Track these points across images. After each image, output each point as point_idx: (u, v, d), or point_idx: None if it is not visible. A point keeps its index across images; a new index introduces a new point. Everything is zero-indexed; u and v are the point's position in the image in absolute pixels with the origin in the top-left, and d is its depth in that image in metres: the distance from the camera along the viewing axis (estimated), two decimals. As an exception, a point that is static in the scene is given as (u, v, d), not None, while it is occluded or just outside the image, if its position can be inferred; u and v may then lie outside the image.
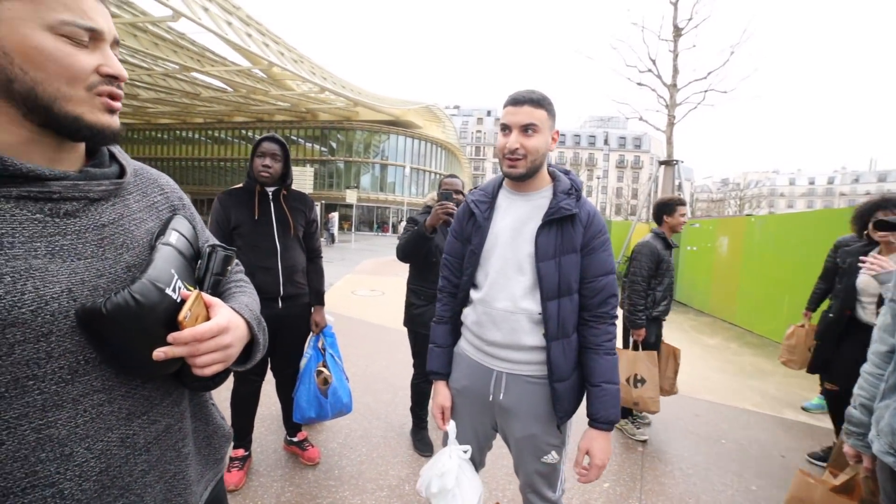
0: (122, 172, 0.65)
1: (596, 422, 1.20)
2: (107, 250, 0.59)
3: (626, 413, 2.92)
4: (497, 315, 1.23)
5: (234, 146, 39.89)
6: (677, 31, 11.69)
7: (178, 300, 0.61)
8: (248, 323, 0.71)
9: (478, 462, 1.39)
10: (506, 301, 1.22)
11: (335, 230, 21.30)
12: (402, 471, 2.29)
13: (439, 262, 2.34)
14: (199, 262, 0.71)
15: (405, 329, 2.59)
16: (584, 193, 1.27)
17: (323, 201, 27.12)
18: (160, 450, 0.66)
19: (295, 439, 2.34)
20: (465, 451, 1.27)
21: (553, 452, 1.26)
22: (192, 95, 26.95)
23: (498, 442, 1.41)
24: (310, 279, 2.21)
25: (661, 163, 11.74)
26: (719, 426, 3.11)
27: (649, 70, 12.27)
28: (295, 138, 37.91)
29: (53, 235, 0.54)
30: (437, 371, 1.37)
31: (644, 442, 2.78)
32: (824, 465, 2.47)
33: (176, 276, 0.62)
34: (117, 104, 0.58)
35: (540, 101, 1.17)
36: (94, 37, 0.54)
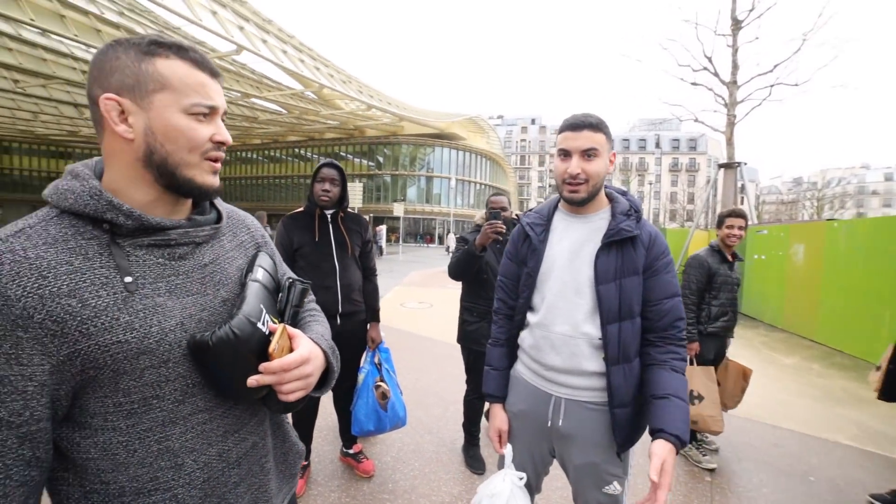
0: (218, 217, 0.75)
1: (664, 432, 1.04)
2: (207, 287, 0.69)
3: (691, 437, 2.73)
4: (556, 339, 1.21)
5: (288, 164, 42.56)
6: (736, 24, 10.94)
7: (267, 332, 0.68)
8: (325, 353, 0.77)
9: (534, 487, 1.36)
10: (565, 325, 1.20)
11: (383, 243, 22.02)
12: (454, 488, 2.28)
13: (490, 279, 2.46)
14: (280, 294, 0.79)
15: (454, 342, 2.64)
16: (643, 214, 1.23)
17: (371, 215, 28.11)
18: (248, 464, 0.73)
19: (350, 451, 2.41)
20: (521, 479, 1.25)
21: (615, 483, 1.21)
22: (251, 119, 29.19)
23: (555, 467, 1.37)
24: (366, 296, 2.31)
25: (720, 166, 10.95)
26: (806, 460, 2.77)
27: (704, 68, 11.59)
28: (344, 154, 39.78)
29: (170, 276, 0.64)
30: (493, 394, 1.37)
31: (712, 471, 2.56)
32: None
33: (264, 311, 0.70)
34: (218, 165, 0.69)
35: (598, 125, 1.16)
36: (212, 112, 0.66)
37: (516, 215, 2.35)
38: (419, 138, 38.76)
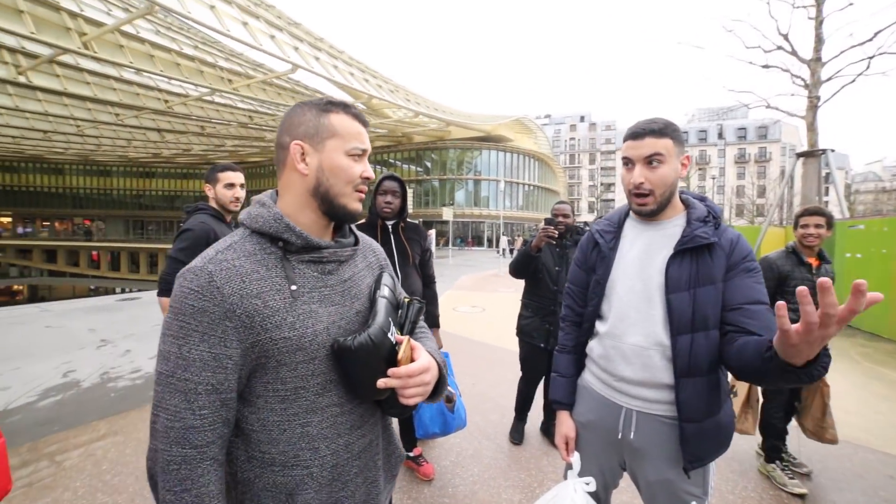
0: (356, 241, 0.90)
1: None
2: (346, 299, 0.82)
3: (774, 456, 2.46)
4: (627, 350, 1.16)
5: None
6: (822, -9, 9.75)
7: (394, 342, 0.80)
8: (439, 366, 0.87)
9: (602, 500, 1.31)
10: (637, 335, 1.15)
11: (433, 247, 22.29)
12: (514, 495, 2.25)
13: (545, 279, 2.70)
14: (400, 311, 0.89)
15: (508, 347, 3.01)
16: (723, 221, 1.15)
17: (420, 219, 28.64)
18: (365, 458, 0.84)
19: (411, 454, 2.46)
20: (588, 483, 1.20)
21: (693, 503, 1.12)
22: (308, 133, 31.06)
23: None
24: (426, 303, 2.36)
25: (799, 155, 9.82)
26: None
27: (779, 48, 10.48)
28: (392, 161, 40.95)
29: (321, 287, 0.79)
30: (560, 401, 1.34)
31: (802, 497, 2.28)
32: None
33: (392, 323, 0.82)
34: (363, 196, 0.84)
35: (662, 130, 1.11)
36: (364, 153, 0.82)
37: (585, 223, 2.47)
38: (466, 142, 38.93)
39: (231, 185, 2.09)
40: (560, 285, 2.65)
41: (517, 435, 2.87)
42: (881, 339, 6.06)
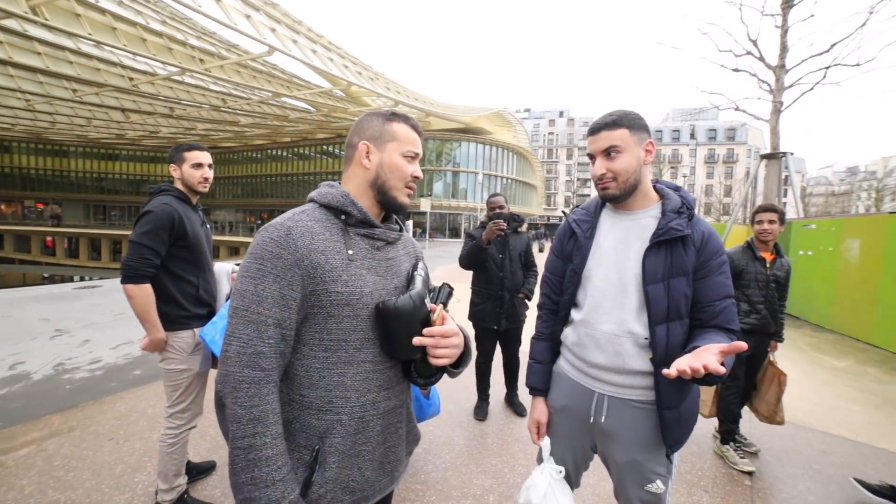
0: (400, 229, 1.04)
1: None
2: (388, 274, 0.95)
3: (728, 438, 2.64)
4: (600, 337, 1.20)
5: (317, 161, 43.58)
6: (787, 2, 10.19)
7: (430, 309, 0.91)
8: (465, 337, 0.98)
9: (573, 482, 1.36)
10: (610, 323, 1.19)
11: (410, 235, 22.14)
12: (485, 481, 2.30)
13: (492, 268, 2.95)
14: (432, 293, 0.99)
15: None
16: (696, 210, 1.19)
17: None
18: (388, 421, 0.94)
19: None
20: (560, 472, 1.25)
21: (658, 482, 1.19)
22: (281, 118, 30.07)
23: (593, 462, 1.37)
24: None
25: (762, 156, 10.33)
26: (859, 470, 2.61)
27: (748, 53, 10.92)
28: (371, 151, 40.20)
29: (370, 259, 0.92)
30: (536, 387, 1.37)
31: (750, 474, 2.46)
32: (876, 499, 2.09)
33: (427, 294, 0.94)
34: (412, 192, 1.00)
35: (616, 122, 1.15)
36: (416, 156, 0.99)
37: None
38: (445, 133, 38.73)
39: (199, 166, 1.95)
40: (504, 271, 2.93)
41: (481, 413, 3.08)
42: (825, 331, 6.52)
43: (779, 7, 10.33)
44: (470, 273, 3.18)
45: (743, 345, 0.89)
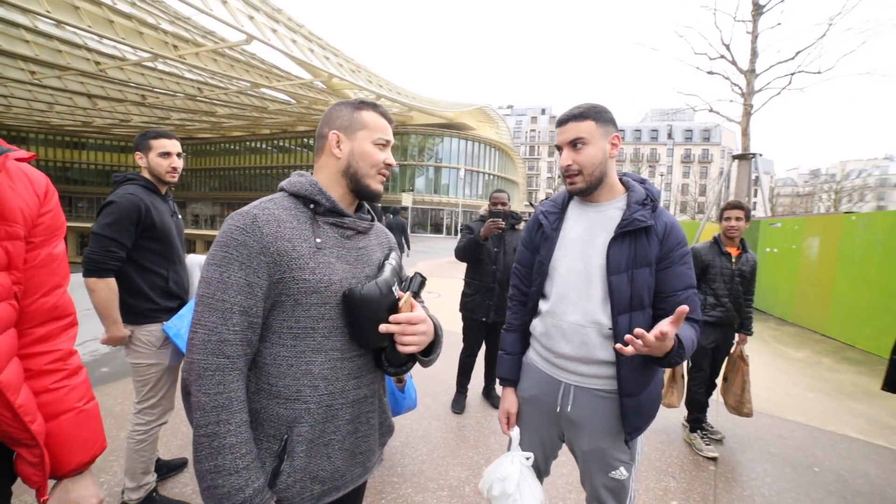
0: (373, 218, 1.04)
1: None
2: (358, 263, 0.95)
3: (696, 427, 2.76)
4: (567, 328, 1.23)
5: (297, 154, 42.69)
6: (758, 10, 10.60)
7: (397, 297, 0.91)
8: (435, 325, 0.98)
9: (542, 470, 1.39)
10: (576, 314, 1.21)
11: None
12: (461, 472, 2.34)
13: (486, 261, 2.99)
14: (404, 282, 0.99)
15: (461, 331, 3.18)
16: (660, 203, 1.23)
17: (379, 205, 28.06)
18: (358, 411, 0.94)
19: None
20: (528, 459, 1.27)
21: (622, 468, 1.23)
22: (260, 109, 29.30)
23: (561, 450, 1.41)
24: None
25: (734, 157, 10.73)
26: (811, 452, 2.80)
27: (722, 56, 11.28)
28: (352, 145, 39.60)
29: (339, 248, 0.93)
30: (505, 377, 1.40)
31: (714, 459, 2.59)
32: None
33: (396, 283, 0.94)
34: (384, 180, 0.99)
35: (584, 114, 1.18)
36: (387, 143, 0.98)
37: (530, 204, 2.62)
38: (428, 128, 38.52)
39: (166, 154, 1.85)
40: (498, 264, 2.98)
41: (458, 406, 3.14)
42: (788, 324, 6.86)
43: (749, 14, 10.70)
44: (455, 270, 3.27)
45: (685, 308, 0.94)
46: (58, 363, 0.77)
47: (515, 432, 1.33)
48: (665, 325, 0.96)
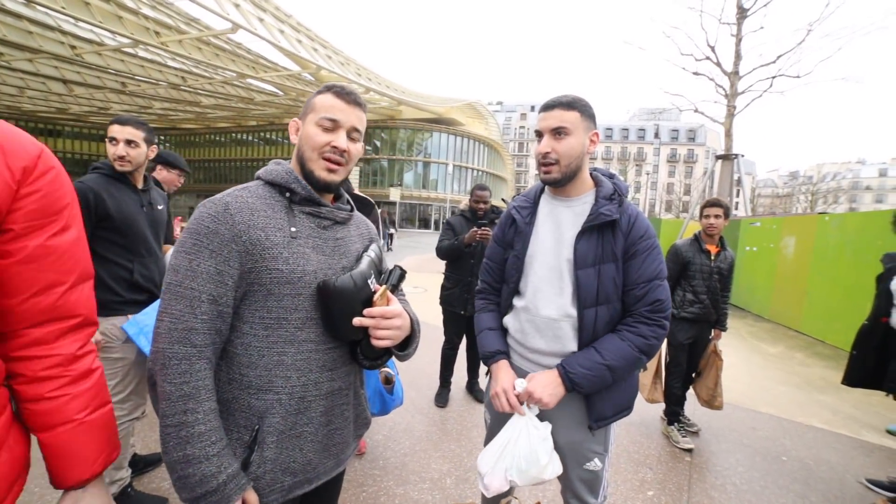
0: (352, 209, 1.03)
1: (561, 366, 1.17)
2: (335, 254, 0.93)
3: (673, 420, 2.84)
4: (541, 322, 1.23)
5: (284, 147, 41.97)
6: (742, 13, 10.83)
7: (373, 290, 0.91)
8: (412, 319, 0.98)
9: None
10: (549, 308, 1.22)
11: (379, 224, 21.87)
12: (443, 465, 2.36)
13: (464, 256, 3.02)
14: (383, 275, 0.98)
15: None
16: (630, 195, 1.24)
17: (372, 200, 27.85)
18: (332, 403, 0.92)
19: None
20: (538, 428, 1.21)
21: (596, 460, 1.26)
22: (247, 100, 28.69)
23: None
24: None
25: (717, 157, 10.97)
26: (780, 442, 2.91)
27: (707, 58, 11.50)
28: (340, 138, 39.16)
29: (315, 238, 0.90)
30: (494, 350, 1.31)
31: (690, 451, 2.67)
32: (889, 494, 2.28)
33: (373, 275, 0.93)
34: (334, 166, 0.91)
35: (570, 104, 1.16)
36: (335, 125, 0.90)
37: (503, 199, 2.62)
38: (417, 123, 38.29)
39: (113, 141, 1.71)
40: (476, 258, 3.02)
41: (441, 400, 3.19)
42: (764, 320, 7.07)
43: (734, 17, 10.91)
44: (442, 266, 3.28)
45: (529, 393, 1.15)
46: (56, 369, 0.67)
47: (533, 410, 1.21)
48: (519, 387, 1.17)
